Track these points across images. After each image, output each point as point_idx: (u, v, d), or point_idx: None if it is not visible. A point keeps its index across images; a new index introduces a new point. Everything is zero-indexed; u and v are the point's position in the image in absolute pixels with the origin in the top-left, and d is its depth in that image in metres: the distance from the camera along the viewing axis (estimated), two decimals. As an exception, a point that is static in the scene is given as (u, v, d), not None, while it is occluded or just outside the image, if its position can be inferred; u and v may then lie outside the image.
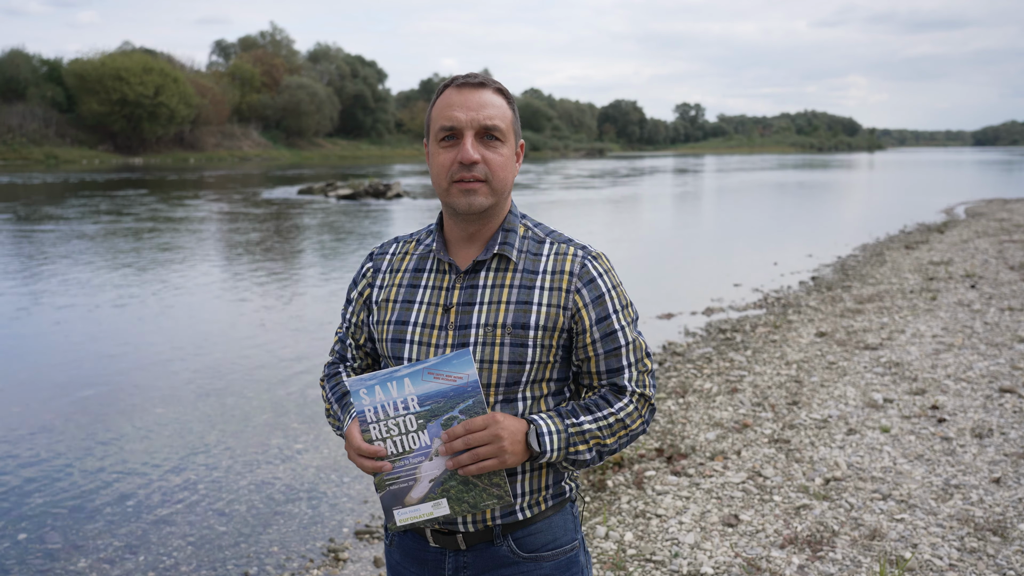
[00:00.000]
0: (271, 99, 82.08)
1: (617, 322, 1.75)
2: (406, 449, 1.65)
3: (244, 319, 10.16)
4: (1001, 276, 11.72)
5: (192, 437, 6.15)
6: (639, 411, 1.77)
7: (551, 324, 1.72)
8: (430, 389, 1.64)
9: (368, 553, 4.42)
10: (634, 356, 1.77)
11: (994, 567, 3.82)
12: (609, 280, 1.77)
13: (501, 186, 1.74)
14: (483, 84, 1.75)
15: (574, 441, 1.69)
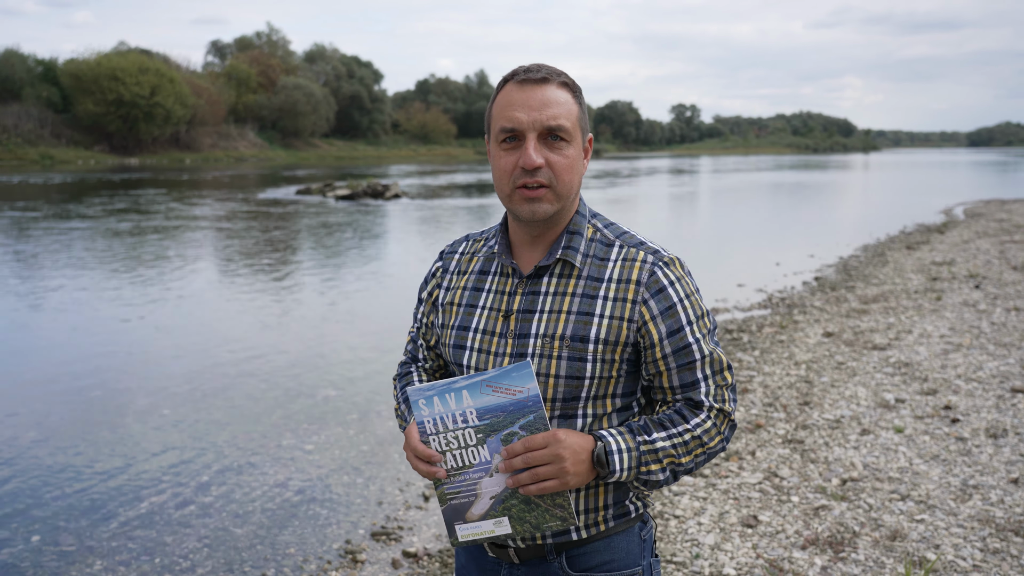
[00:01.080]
0: (267, 99, 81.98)
1: (691, 334, 1.62)
2: (466, 464, 1.58)
3: (247, 320, 10.12)
4: (1005, 276, 11.73)
5: (202, 438, 6.11)
6: (717, 427, 1.64)
7: (613, 338, 1.60)
8: (489, 402, 1.56)
9: (385, 555, 4.39)
10: (710, 369, 1.64)
11: (1019, 568, 3.81)
12: (681, 289, 1.63)
13: (566, 190, 1.64)
14: (546, 79, 1.62)
15: (646, 460, 1.58)
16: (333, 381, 7.51)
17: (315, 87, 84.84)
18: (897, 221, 21.41)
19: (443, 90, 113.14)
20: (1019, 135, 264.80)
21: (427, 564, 4.24)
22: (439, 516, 4.86)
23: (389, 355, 8.50)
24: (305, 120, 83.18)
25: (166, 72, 69.23)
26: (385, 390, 7.27)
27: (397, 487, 5.26)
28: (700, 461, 1.63)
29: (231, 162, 67.58)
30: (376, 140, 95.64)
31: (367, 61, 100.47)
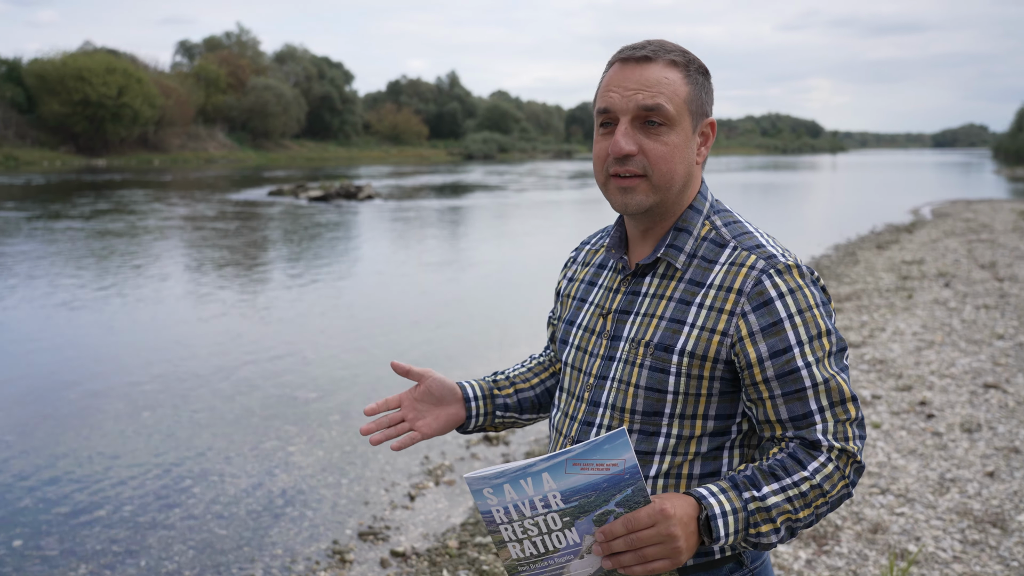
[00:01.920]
0: (237, 100, 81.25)
1: (801, 357, 1.39)
2: (549, 549, 1.36)
3: (224, 322, 10.05)
4: (973, 275, 11.93)
5: (182, 441, 6.07)
6: (841, 471, 1.38)
7: (702, 351, 1.42)
8: (577, 483, 1.30)
9: (373, 554, 4.39)
10: (827, 400, 1.39)
11: (997, 558, 3.89)
12: (794, 303, 1.40)
13: (664, 181, 1.47)
14: (650, 57, 1.46)
15: (755, 521, 1.34)
16: (313, 383, 7.49)
17: (285, 88, 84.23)
18: (866, 221, 21.69)
19: (414, 91, 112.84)
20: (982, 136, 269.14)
21: (416, 563, 4.25)
22: (426, 515, 4.87)
23: (368, 356, 8.49)
24: (275, 121, 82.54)
25: (133, 72, 68.39)
26: (367, 392, 7.26)
27: (382, 487, 5.26)
28: (822, 512, 1.39)
29: (200, 163, 66.92)
30: (347, 141, 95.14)
31: (338, 62, 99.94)
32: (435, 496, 5.14)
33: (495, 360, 8.34)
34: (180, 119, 74.28)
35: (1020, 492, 4.59)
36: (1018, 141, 73.73)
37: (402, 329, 9.85)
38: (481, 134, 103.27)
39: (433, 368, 1.73)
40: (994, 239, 16.22)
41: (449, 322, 10.36)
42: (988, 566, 3.83)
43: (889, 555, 3.83)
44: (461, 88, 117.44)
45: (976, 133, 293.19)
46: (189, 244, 17.47)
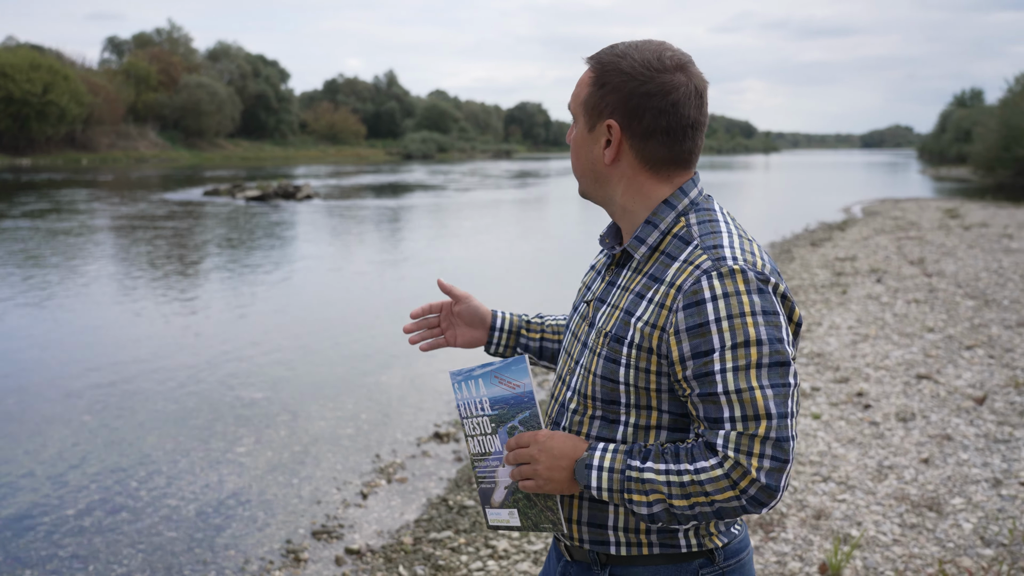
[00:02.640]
0: (169, 98, 79.52)
1: (720, 361, 1.38)
2: (486, 451, 1.62)
3: (162, 324, 9.88)
4: (903, 271, 12.33)
5: (126, 444, 5.96)
6: (731, 480, 1.36)
7: (647, 345, 1.45)
8: (496, 393, 1.58)
9: (328, 553, 4.38)
10: (739, 410, 1.37)
11: (934, 540, 4.06)
12: (725, 307, 1.39)
13: (577, 171, 1.61)
14: (587, 61, 1.59)
15: (630, 488, 1.42)
16: (258, 383, 7.41)
17: (219, 86, 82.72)
18: (801, 219, 22.22)
19: (352, 90, 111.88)
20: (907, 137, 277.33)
21: (371, 560, 4.25)
22: (379, 513, 4.88)
23: (312, 355, 8.43)
24: (209, 120, 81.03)
25: (60, 69, 66.43)
26: (313, 390, 7.21)
27: (334, 486, 5.25)
28: (704, 511, 1.40)
29: (131, 163, 65.35)
30: (283, 140, 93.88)
31: (273, 60, 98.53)
32: (388, 494, 5.15)
33: (440, 357, 8.35)
34: (109, 117, 72.40)
35: (954, 477, 4.79)
36: (941, 142, 76.17)
37: (346, 327, 9.80)
38: (420, 134, 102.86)
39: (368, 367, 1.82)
40: (922, 236, 16.77)
41: (394, 320, 10.34)
42: (926, 548, 3.99)
43: (833, 540, 3.97)
44: (399, 87, 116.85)
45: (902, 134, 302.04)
46: (123, 245, 17.08)
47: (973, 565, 3.75)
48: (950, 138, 70.45)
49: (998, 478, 4.75)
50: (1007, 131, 37.95)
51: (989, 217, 20.68)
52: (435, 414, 6.65)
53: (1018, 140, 36.54)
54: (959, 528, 4.17)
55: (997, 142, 39.37)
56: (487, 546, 4.30)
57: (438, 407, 6.83)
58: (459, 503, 4.89)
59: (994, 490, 4.60)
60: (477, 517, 4.68)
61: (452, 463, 5.64)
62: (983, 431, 5.51)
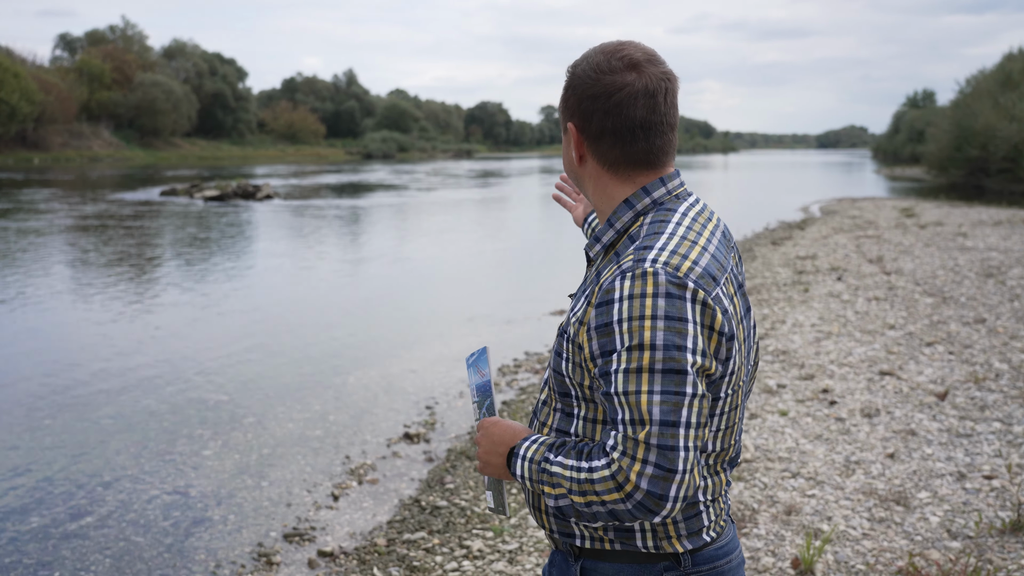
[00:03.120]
0: (123, 97, 78.22)
1: (616, 362, 1.37)
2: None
3: (122, 326, 9.71)
4: (863, 269, 12.53)
5: (89, 448, 5.85)
6: (617, 483, 1.35)
7: (579, 340, 1.46)
8: (477, 381, 1.71)
9: (301, 555, 4.34)
10: (628, 413, 1.35)
11: (902, 534, 4.13)
12: (628, 308, 1.37)
13: (566, 172, 1.68)
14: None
15: (542, 479, 1.46)
16: (222, 385, 7.32)
17: (175, 84, 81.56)
18: (761, 218, 22.47)
19: (311, 89, 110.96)
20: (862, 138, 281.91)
21: (344, 562, 4.22)
22: (351, 515, 4.84)
23: (278, 357, 8.34)
24: (165, 119, 79.85)
25: (9, 66, 65.00)
26: (279, 392, 7.14)
27: (304, 488, 5.20)
28: (601, 513, 1.39)
29: (84, 162, 64.17)
30: (241, 140, 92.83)
31: (230, 58, 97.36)
32: (359, 495, 5.11)
33: (405, 358, 8.32)
34: (62, 116, 71.03)
35: (919, 472, 4.88)
36: (895, 142, 77.64)
37: (312, 328, 9.71)
38: (380, 133, 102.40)
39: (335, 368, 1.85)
40: (879, 235, 17.05)
41: (358, 321, 10.27)
42: (895, 541, 4.05)
43: (806, 534, 4.02)
44: (359, 86, 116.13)
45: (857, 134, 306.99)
46: (80, 246, 16.77)
47: (941, 558, 3.82)
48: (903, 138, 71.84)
49: (962, 472, 4.84)
50: (959, 132, 38.75)
51: (943, 216, 21.10)
52: (404, 415, 6.62)
53: (969, 141, 37.32)
54: (926, 521, 4.24)
55: (949, 143, 40.19)
56: (461, 546, 4.29)
57: (407, 408, 6.79)
58: (432, 503, 4.87)
59: (958, 484, 4.69)
60: (450, 517, 4.66)
61: (423, 463, 5.62)
62: (946, 426, 5.61)
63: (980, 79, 42.97)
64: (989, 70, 43.06)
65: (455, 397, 7.06)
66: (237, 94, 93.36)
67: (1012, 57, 41.54)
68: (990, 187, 35.12)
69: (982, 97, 38.47)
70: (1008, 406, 5.93)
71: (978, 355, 7.31)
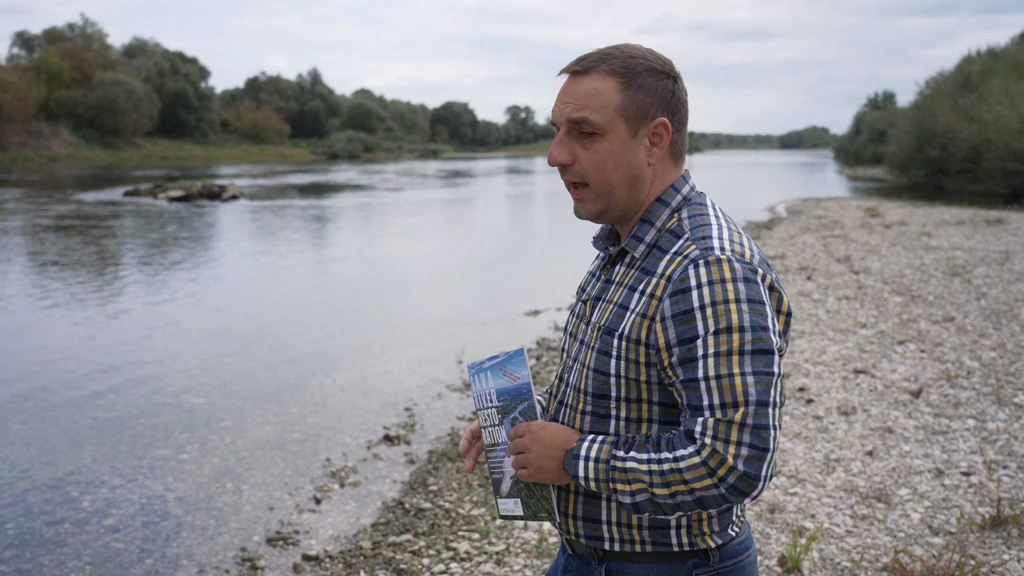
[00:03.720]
0: (83, 96, 76.96)
1: (703, 347, 1.38)
2: (495, 441, 1.66)
3: (93, 328, 9.54)
4: (831, 268, 12.68)
5: (62, 453, 5.74)
6: (709, 468, 1.35)
7: (635, 336, 1.46)
8: (501, 385, 1.63)
9: (285, 560, 4.29)
10: (718, 398, 1.37)
11: (885, 530, 4.18)
12: (710, 294, 1.40)
13: (603, 188, 1.54)
14: (589, 68, 1.53)
15: (614, 477, 1.43)
16: (198, 388, 7.22)
17: (136, 83, 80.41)
18: (728, 218, 22.62)
19: (275, 88, 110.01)
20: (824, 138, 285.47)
21: (330, 566, 4.18)
22: (334, 518, 4.80)
23: (253, 359, 8.25)
24: (126, 118, 78.68)
25: (-34, 64, 63.76)
26: (255, 395, 7.06)
27: (286, 491, 5.14)
28: (687, 501, 1.39)
29: (43, 162, 63.02)
30: (204, 140, 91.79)
31: (192, 57, 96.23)
32: (341, 498, 5.07)
33: (381, 359, 8.27)
34: (19, 115, 69.68)
35: (898, 469, 4.94)
36: (856, 143, 78.71)
37: (286, 330, 9.62)
38: (345, 133, 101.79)
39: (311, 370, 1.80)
40: (846, 235, 17.26)
41: (332, 322, 10.19)
42: (878, 538, 4.10)
43: (792, 532, 4.05)
44: (323, 86, 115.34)
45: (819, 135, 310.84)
46: (44, 248, 16.46)
47: (925, 554, 3.87)
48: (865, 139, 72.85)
49: (940, 468, 4.91)
50: (920, 133, 39.36)
51: (907, 216, 21.41)
52: (383, 416, 6.57)
53: (930, 142, 37.92)
54: (908, 518, 4.30)
55: (911, 143, 40.81)
56: (448, 548, 4.27)
57: (385, 409, 6.75)
58: (416, 505, 4.85)
59: (937, 480, 4.76)
60: (435, 519, 4.64)
61: (404, 465, 5.59)
62: (921, 423, 5.69)
63: (940, 81, 43.69)
64: (948, 72, 43.81)
65: (433, 398, 7.03)
66: (200, 93, 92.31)
67: (971, 59, 42.31)
68: (950, 187, 35.75)
69: (942, 99, 39.11)
70: (981, 403, 6.03)
71: (949, 353, 7.43)
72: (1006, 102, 31.69)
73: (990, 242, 15.21)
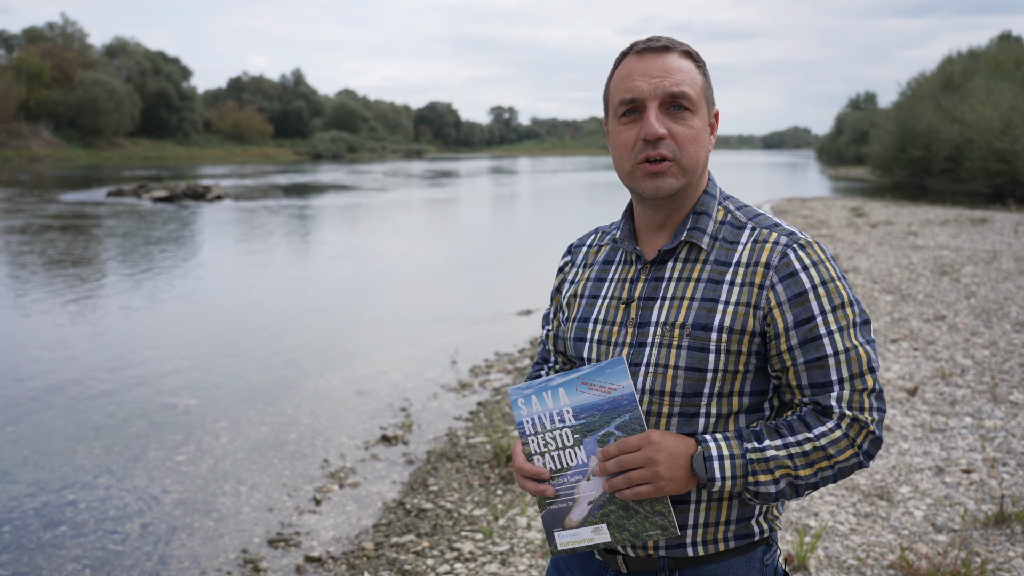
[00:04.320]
0: (63, 96, 76.31)
1: (824, 325, 1.44)
2: (564, 466, 1.50)
3: (84, 330, 9.45)
4: (820, 267, 12.72)
5: (56, 456, 5.67)
6: (850, 439, 1.42)
7: (739, 326, 1.46)
8: (584, 401, 1.48)
9: (287, 561, 4.25)
10: (848, 370, 1.43)
11: (889, 528, 4.18)
12: (817, 274, 1.46)
13: (692, 164, 1.52)
14: (667, 48, 1.52)
15: (754, 469, 1.41)
16: (191, 389, 7.16)
17: (117, 83, 79.83)
18: (714, 218, 22.68)
19: (257, 88, 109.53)
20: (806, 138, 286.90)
21: (333, 567, 4.14)
22: (335, 519, 4.76)
23: (246, 360, 8.20)
24: (107, 118, 78.10)
25: (-55, 64, 63.10)
26: (250, 396, 7.01)
27: (285, 492, 5.10)
28: (827, 476, 1.43)
29: (23, 162, 62.47)
30: (187, 140, 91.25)
31: (174, 57, 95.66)
32: (341, 499, 5.03)
33: (375, 360, 8.23)
34: (-1, 115, 69.09)
35: (898, 467, 4.95)
36: (838, 143, 79.19)
37: (278, 330, 9.55)
38: (329, 133, 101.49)
39: (305, 370, 1.70)
40: (833, 234, 17.35)
41: (324, 322, 10.14)
42: (882, 536, 4.11)
43: (796, 531, 4.05)
44: (307, 86, 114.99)
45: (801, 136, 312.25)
46: (28, 250, 16.29)
47: (931, 551, 3.88)
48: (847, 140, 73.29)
49: (940, 466, 4.93)
50: (902, 133, 39.64)
51: (892, 215, 21.55)
52: (380, 417, 6.54)
53: (913, 142, 38.20)
54: (911, 516, 4.31)
55: (893, 144, 41.10)
56: (451, 549, 4.24)
57: (381, 409, 6.72)
58: (417, 506, 4.81)
59: (938, 478, 4.78)
60: (437, 520, 4.61)
61: (403, 466, 5.55)
62: (919, 421, 5.71)
63: (921, 81, 44.02)
64: (930, 73, 44.14)
65: (429, 398, 7.00)
66: (182, 93, 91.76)
67: (952, 60, 42.66)
68: (933, 187, 36.03)
69: (924, 99, 39.41)
70: (977, 401, 6.06)
71: (942, 351, 7.47)
72: (987, 102, 31.96)
73: (976, 241, 15.32)
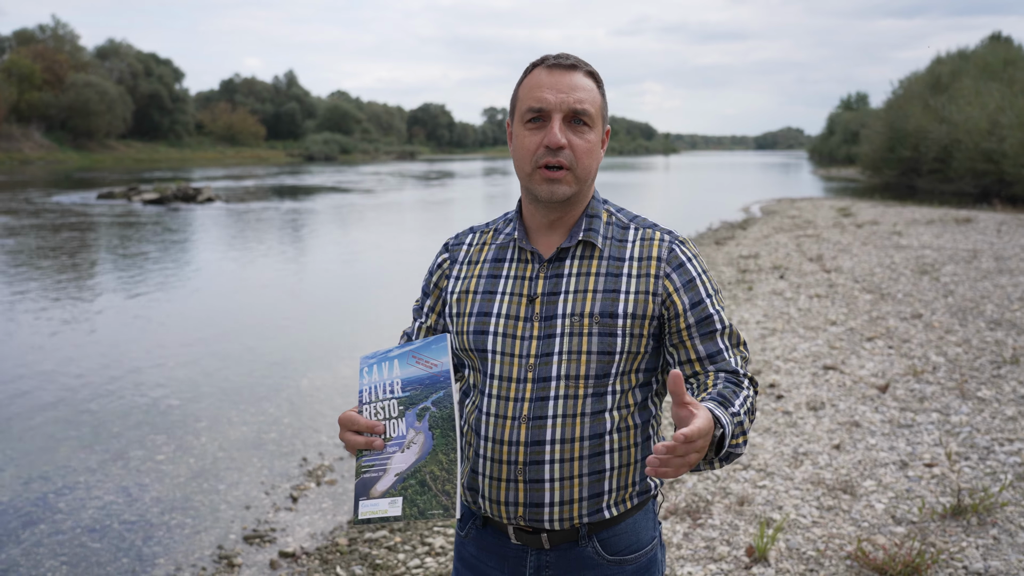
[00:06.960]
0: (55, 98, 76.15)
1: (712, 306, 1.68)
2: (387, 437, 1.54)
3: (68, 332, 9.51)
4: (804, 267, 12.85)
5: (36, 455, 5.74)
6: (754, 388, 1.67)
7: (640, 311, 1.65)
8: (411, 374, 1.55)
9: (262, 557, 4.34)
10: (731, 340, 1.69)
11: (850, 520, 4.28)
12: (698, 264, 1.71)
13: (585, 174, 1.68)
14: (574, 66, 1.68)
15: (735, 433, 1.56)
16: (173, 389, 7.23)
17: (109, 85, 79.68)
18: (704, 218, 22.84)
19: (250, 90, 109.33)
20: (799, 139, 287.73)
21: (306, 563, 4.23)
22: (311, 516, 4.84)
23: (228, 361, 8.27)
24: (99, 120, 77.96)
25: (-65, 66, 62.92)
26: (231, 396, 7.08)
27: (262, 490, 5.18)
28: (753, 420, 1.65)
29: (15, 165, 62.29)
30: (179, 142, 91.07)
31: (166, 59, 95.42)
32: (318, 496, 5.12)
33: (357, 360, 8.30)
34: (-10, 117, 68.91)
35: (864, 461, 5.05)
36: (830, 144, 79.44)
37: (262, 331, 9.63)
38: (322, 135, 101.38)
39: (287, 371, 1.76)
40: (819, 234, 17.47)
41: (308, 323, 10.21)
42: (843, 528, 4.20)
43: (760, 523, 4.15)
44: (299, 88, 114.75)
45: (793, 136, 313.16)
46: (16, 252, 16.32)
47: (887, 542, 3.98)
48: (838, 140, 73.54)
49: (904, 460, 5.03)
50: (892, 133, 39.83)
51: (879, 215, 21.68)
52: (359, 416, 6.61)
53: (902, 142, 38.39)
54: (872, 508, 4.41)
55: (883, 144, 41.28)
56: (423, 543, 4.33)
57: (361, 409, 6.79)
58: (391, 503, 4.89)
59: (901, 472, 4.88)
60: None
61: (380, 464, 5.63)
62: (887, 417, 5.81)
63: (911, 82, 44.20)
64: (920, 73, 44.32)
65: (409, 398, 7.07)
66: (174, 95, 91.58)
67: (941, 60, 42.83)
68: (921, 187, 36.19)
69: (913, 99, 39.58)
70: (945, 397, 6.16)
71: (916, 349, 7.58)
72: (975, 103, 32.12)
73: (959, 241, 15.45)
